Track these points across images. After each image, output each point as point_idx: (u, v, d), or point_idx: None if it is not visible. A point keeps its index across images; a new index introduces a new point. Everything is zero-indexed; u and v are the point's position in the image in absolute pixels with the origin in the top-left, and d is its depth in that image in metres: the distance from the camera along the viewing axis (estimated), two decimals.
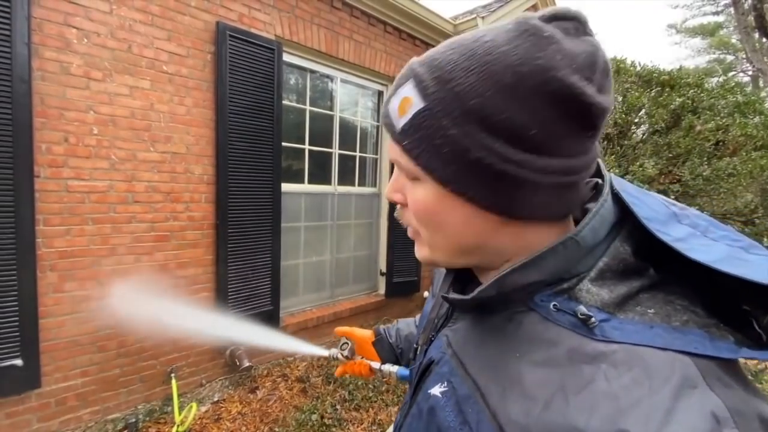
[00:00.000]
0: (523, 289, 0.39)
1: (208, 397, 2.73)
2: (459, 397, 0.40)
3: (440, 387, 0.44)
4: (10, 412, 2.12)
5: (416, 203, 0.43)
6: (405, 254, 4.20)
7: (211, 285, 2.79)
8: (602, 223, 0.40)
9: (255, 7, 2.85)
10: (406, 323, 0.98)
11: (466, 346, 0.44)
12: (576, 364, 0.33)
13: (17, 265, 2.01)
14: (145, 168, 2.44)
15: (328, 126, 3.65)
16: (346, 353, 0.92)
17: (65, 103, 2.14)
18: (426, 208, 0.42)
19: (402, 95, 0.40)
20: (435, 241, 0.44)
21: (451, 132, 0.36)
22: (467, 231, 0.41)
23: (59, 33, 2.11)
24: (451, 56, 0.37)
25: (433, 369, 0.47)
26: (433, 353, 0.49)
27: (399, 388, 2.92)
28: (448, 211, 0.40)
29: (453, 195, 0.39)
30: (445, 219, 0.41)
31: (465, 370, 0.42)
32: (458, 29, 4.25)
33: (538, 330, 0.38)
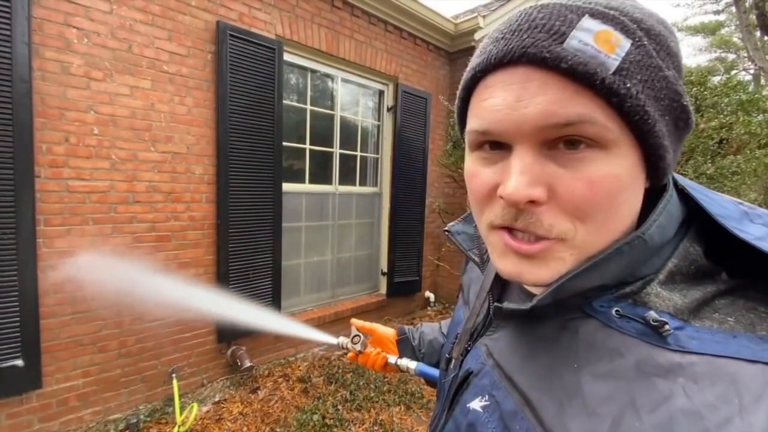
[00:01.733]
0: (580, 294, 0.35)
1: (210, 398, 2.73)
2: (504, 413, 0.37)
3: (481, 401, 0.41)
4: (12, 412, 2.11)
5: (599, 184, 0.32)
6: (406, 254, 4.19)
7: (212, 285, 2.78)
8: (670, 220, 0.35)
9: (255, 7, 2.85)
10: (430, 327, 0.96)
11: (511, 356, 0.41)
12: (647, 377, 0.30)
13: (18, 266, 2.01)
14: (145, 168, 2.43)
15: (329, 125, 3.65)
16: (358, 347, 0.92)
17: (66, 103, 2.14)
18: (618, 186, 0.32)
19: (593, 30, 0.30)
20: (598, 236, 0.34)
21: (668, 73, 0.31)
22: (633, 212, 0.35)
23: (59, 33, 2.10)
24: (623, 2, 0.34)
25: (472, 381, 0.44)
26: (471, 364, 0.46)
27: (400, 389, 2.91)
28: (633, 185, 0.33)
29: (640, 161, 0.33)
30: (626, 199, 0.33)
31: (511, 382, 0.38)
32: (459, 28, 4.24)
33: (598, 338, 0.34)
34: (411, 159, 4.14)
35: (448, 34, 4.26)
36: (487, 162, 0.37)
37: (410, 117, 4.07)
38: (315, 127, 3.51)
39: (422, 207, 4.31)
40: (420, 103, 4.15)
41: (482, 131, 0.36)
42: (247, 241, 2.90)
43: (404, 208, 4.14)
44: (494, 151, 0.36)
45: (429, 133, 4.27)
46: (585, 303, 0.36)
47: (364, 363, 0.92)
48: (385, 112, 4.05)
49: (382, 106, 4.05)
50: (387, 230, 4.13)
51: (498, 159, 0.36)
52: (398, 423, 2.55)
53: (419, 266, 4.34)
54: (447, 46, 4.40)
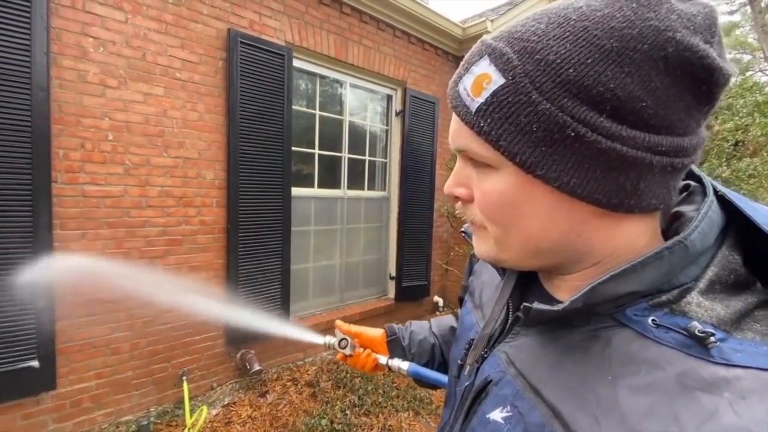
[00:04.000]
0: (613, 300, 0.34)
1: (219, 401, 2.74)
2: (529, 425, 0.36)
3: (502, 411, 0.39)
4: (27, 413, 2.16)
5: (488, 195, 0.38)
6: (414, 258, 4.18)
7: (222, 289, 2.81)
8: (711, 226, 0.35)
9: (265, 14, 2.89)
10: (420, 326, 0.94)
11: (536, 366, 0.39)
12: (690, 391, 0.28)
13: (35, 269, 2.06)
14: (158, 173, 2.48)
15: (338, 130, 3.67)
16: (347, 351, 0.90)
17: (82, 110, 2.20)
18: (501, 199, 0.37)
19: (477, 73, 0.35)
20: (507, 238, 0.39)
21: (543, 107, 0.32)
22: (551, 226, 0.36)
23: (77, 42, 2.16)
24: (537, 26, 0.34)
25: (491, 390, 0.43)
26: (490, 372, 0.44)
27: (409, 394, 2.89)
28: (529, 202, 0.36)
29: (538, 182, 0.34)
30: (525, 211, 0.36)
31: (537, 393, 0.37)
32: (467, 33, 4.24)
33: (633, 349, 0.33)
34: (419, 163, 4.14)
35: (456, 38, 4.27)
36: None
37: (418, 121, 4.08)
38: (324, 132, 3.54)
39: (430, 211, 4.30)
40: (428, 108, 4.15)
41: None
42: (257, 245, 2.92)
43: (412, 212, 4.13)
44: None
45: (437, 137, 4.27)
46: (617, 311, 0.35)
47: (353, 365, 0.91)
48: (393, 117, 4.06)
49: (391, 110, 4.06)
50: (395, 234, 4.13)
51: None
52: (407, 429, 2.53)
53: (428, 270, 4.32)
54: (455, 50, 4.41)
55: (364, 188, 3.97)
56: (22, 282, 2.00)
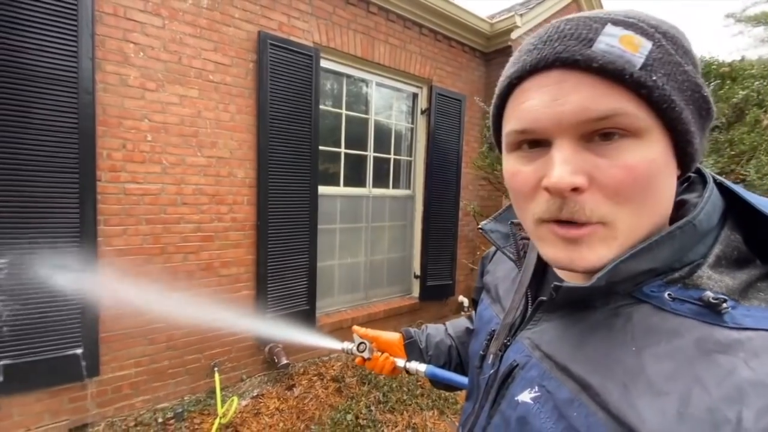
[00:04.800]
0: (631, 279, 0.37)
1: (248, 392, 2.84)
2: (558, 401, 0.38)
3: (530, 392, 0.41)
4: (73, 396, 2.30)
5: (634, 168, 0.34)
6: (439, 257, 4.16)
7: (252, 284, 2.90)
8: (714, 209, 0.38)
9: (294, 16, 2.95)
10: (436, 329, 0.96)
11: (561, 346, 0.41)
12: (708, 354, 0.31)
13: (81, 262, 2.19)
14: (192, 172, 2.58)
15: (363, 129, 3.70)
16: (365, 354, 0.91)
17: (123, 112, 2.32)
18: (653, 169, 0.35)
19: (617, 34, 0.34)
20: (640, 220, 0.36)
21: (687, 68, 0.34)
22: (671, 196, 0.38)
23: (119, 48, 2.28)
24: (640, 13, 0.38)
25: (518, 374, 0.45)
26: (515, 357, 0.46)
27: (434, 393, 2.88)
28: (667, 171, 0.36)
29: (671, 148, 0.36)
30: (663, 183, 0.36)
31: (565, 371, 0.39)
32: (495, 28, 4.17)
33: (653, 322, 0.35)
34: (445, 161, 4.11)
35: (483, 34, 4.20)
36: (526, 160, 0.40)
37: (444, 119, 4.04)
38: (349, 131, 3.58)
39: (456, 210, 4.26)
40: (454, 105, 4.11)
41: (521, 131, 0.39)
42: (285, 242, 2.99)
43: (437, 210, 4.11)
44: (533, 149, 0.39)
45: (463, 135, 4.23)
46: (635, 289, 0.37)
47: (372, 368, 0.92)
48: (418, 115, 4.05)
49: (416, 108, 4.05)
50: (420, 233, 4.12)
51: (537, 156, 0.39)
52: (431, 427, 2.53)
53: (452, 270, 4.29)
54: (482, 46, 4.34)
55: (389, 187, 3.98)
56: (70, 275, 2.14)
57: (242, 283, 2.86)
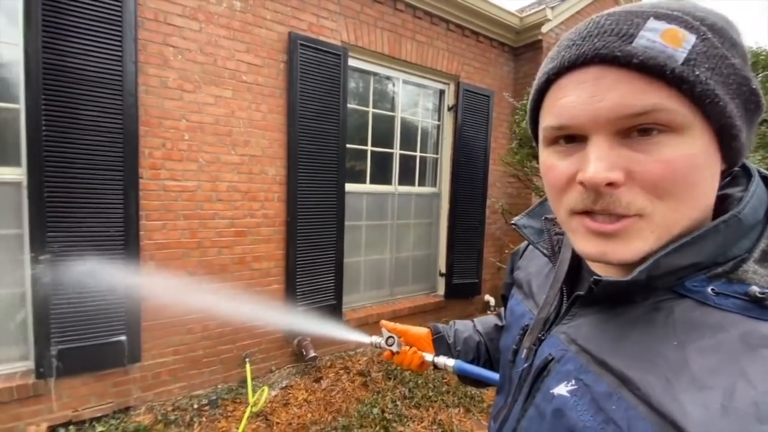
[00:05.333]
0: (672, 273, 0.36)
1: (278, 383, 2.93)
2: (596, 395, 0.38)
3: (567, 386, 0.41)
4: (117, 381, 2.46)
5: (673, 163, 0.34)
6: (465, 255, 4.13)
7: (282, 278, 2.99)
8: (760, 203, 0.38)
9: (323, 16, 3.00)
10: (464, 325, 0.96)
11: (600, 341, 0.41)
12: (754, 348, 0.31)
13: (125, 256, 2.33)
14: (227, 169, 2.68)
15: (390, 127, 3.72)
16: (394, 348, 0.92)
17: (163, 112, 2.44)
18: (693, 164, 0.34)
19: (660, 29, 0.33)
20: (679, 213, 0.36)
21: (734, 60, 0.34)
22: (713, 189, 0.37)
23: (159, 51, 2.40)
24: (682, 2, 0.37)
25: (554, 367, 0.45)
26: (551, 351, 0.46)
27: (459, 390, 2.88)
28: (708, 165, 0.36)
29: (715, 144, 0.35)
30: (704, 176, 0.35)
31: (603, 365, 0.39)
32: (524, 22, 4.08)
33: (696, 316, 0.35)
34: (472, 158, 4.07)
35: (512, 28, 4.12)
36: (562, 155, 0.40)
37: (471, 116, 4.00)
38: (376, 128, 3.60)
39: (483, 208, 4.22)
40: (482, 101, 4.06)
41: (558, 126, 0.39)
42: (313, 237, 3.06)
43: (464, 208, 4.08)
44: (569, 144, 0.39)
45: (491, 132, 4.17)
46: (677, 283, 0.37)
47: (400, 362, 0.92)
48: (445, 112, 4.02)
49: (443, 105, 4.03)
50: (446, 231, 4.10)
51: (573, 151, 0.39)
52: (457, 424, 2.53)
53: (479, 268, 4.25)
54: (511, 41, 4.26)
55: (415, 184, 3.99)
56: (116, 266, 2.28)
57: (272, 277, 2.96)
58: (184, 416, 2.46)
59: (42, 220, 2.11)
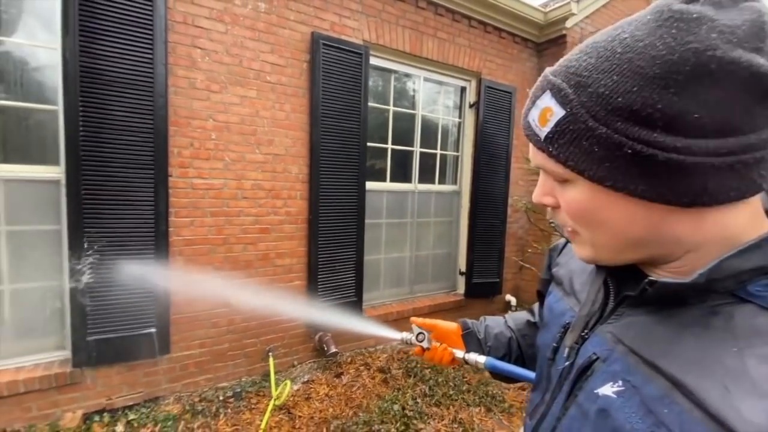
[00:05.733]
0: (734, 277, 0.36)
1: (299, 377, 2.98)
2: (645, 397, 0.37)
3: (612, 386, 0.41)
4: (148, 371, 2.55)
5: (570, 204, 0.43)
6: (486, 254, 4.09)
7: (304, 274, 3.04)
8: None
9: (345, 15, 3.02)
10: (495, 321, 0.95)
11: (650, 343, 0.41)
12: None
13: (155, 251, 2.42)
14: (251, 168, 2.74)
15: (410, 125, 3.72)
16: (424, 344, 0.92)
17: (191, 113, 2.51)
18: (582, 207, 0.42)
19: (541, 106, 0.41)
20: (597, 239, 0.44)
21: (600, 131, 0.36)
22: (632, 225, 0.40)
23: (188, 53, 2.47)
24: (588, 61, 0.38)
25: (599, 367, 0.45)
26: (596, 350, 0.46)
27: (480, 390, 2.86)
28: (607, 208, 0.40)
29: (611, 191, 0.38)
30: (606, 216, 0.41)
31: (654, 368, 0.38)
32: (549, 17, 4.00)
33: (759, 322, 0.35)
34: (493, 156, 4.02)
35: (536, 24, 4.05)
36: None
37: (493, 113, 3.95)
38: (396, 127, 3.61)
39: (504, 206, 4.16)
40: (504, 98, 4.01)
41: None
42: (335, 235, 3.10)
43: (485, 207, 4.04)
44: None
45: (513, 129, 4.11)
46: (739, 287, 0.37)
47: (430, 359, 0.92)
48: (466, 109, 3.99)
49: (464, 102, 3.99)
50: (466, 229, 4.07)
51: None
52: (478, 423, 2.52)
53: (500, 268, 4.20)
54: (534, 36, 4.18)
55: (435, 182, 3.97)
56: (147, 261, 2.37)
57: (294, 273, 3.01)
58: (210, 407, 2.54)
59: (79, 216, 2.21)
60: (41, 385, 2.22)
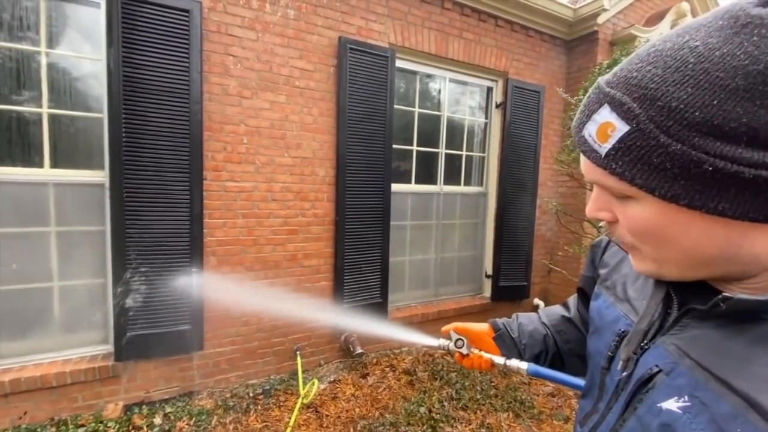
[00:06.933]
0: None
1: (326, 377, 3.02)
2: (716, 415, 0.36)
3: (678, 401, 0.40)
4: (182, 367, 2.66)
5: (634, 221, 0.41)
6: (513, 257, 4.01)
7: (330, 275, 3.08)
8: None
9: (371, 19, 3.05)
10: (528, 318, 0.94)
11: (721, 358, 0.39)
12: None
13: (191, 251, 2.52)
14: (280, 171, 2.81)
15: (436, 126, 3.70)
16: (463, 350, 0.92)
17: (224, 118, 2.61)
18: (648, 225, 0.40)
19: (600, 121, 0.39)
20: (664, 255, 0.42)
21: (674, 147, 0.34)
22: (707, 243, 0.38)
23: (221, 61, 2.57)
24: (653, 71, 0.36)
25: (660, 380, 0.44)
26: (658, 362, 0.45)
27: (508, 395, 2.81)
28: (679, 226, 0.38)
29: (684, 209, 0.36)
30: (676, 234, 0.39)
31: (725, 385, 0.37)
32: (579, 14, 3.89)
33: None
34: (521, 157, 3.95)
35: (565, 21, 3.95)
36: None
37: (521, 112, 3.88)
38: (422, 128, 3.61)
39: (533, 208, 4.08)
40: (532, 98, 3.93)
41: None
42: (360, 236, 3.13)
43: (512, 208, 3.97)
44: None
45: (542, 129, 4.02)
46: None
47: (470, 365, 0.92)
48: (493, 109, 3.94)
49: (490, 103, 3.95)
50: (492, 231, 4.01)
51: None
52: (506, 429, 2.48)
53: (528, 271, 4.11)
54: (564, 34, 4.08)
55: (460, 184, 3.94)
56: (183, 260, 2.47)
57: (321, 274, 3.06)
58: (241, 403, 2.62)
59: (121, 218, 2.34)
60: (86, 377, 2.36)
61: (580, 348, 0.83)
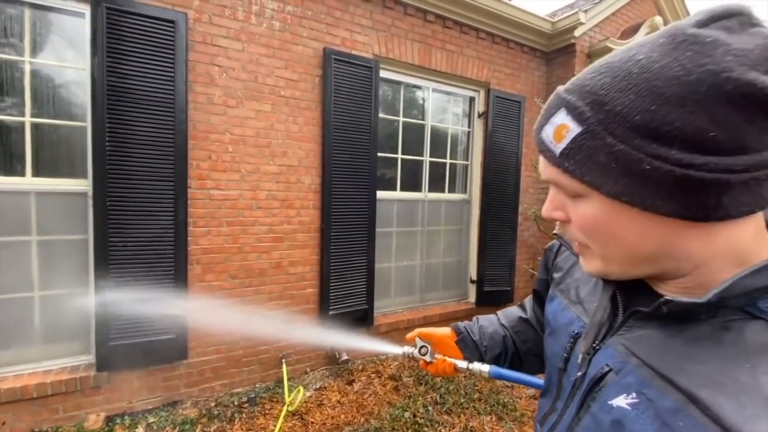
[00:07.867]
0: (745, 294, 0.38)
1: (312, 384, 3.03)
2: (660, 410, 0.38)
3: (627, 398, 0.42)
4: (166, 376, 2.64)
5: (583, 218, 0.44)
6: (497, 263, 4.09)
7: (316, 282, 3.11)
8: None
9: (356, 31, 3.13)
10: (488, 320, 0.97)
11: (664, 356, 0.42)
12: None
13: (175, 259, 2.52)
14: (266, 179, 2.84)
15: (420, 135, 3.78)
16: (427, 358, 0.92)
17: (209, 127, 2.63)
18: (596, 222, 0.43)
19: (556, 123, 0.43)
20: (608, 253, 0.45)
21: (618, 147, 0.38)
22: (645, 240, 0.41)
23: (206, 71, 2.60)
24: (603, 80, 0.39)
25: (612, 378, 0.46)
26: (608, 362, 0.47)
27: (491, 398, 2.86)
28: (622, 222, 0.41)
29: (626, 206, 0.40)
30: (619, 230, 0.42)
31: (668, 382, 0.39)
32: (557, 27, 4.04)
33: None
34: (503, 165, 4.05)
35: (544, 33, 4.09)
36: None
37: (502, 122, 4.00)
38: (406, 137, 3.68)
39: (515, 214, 4.17)
40: (513, 107, 4.05)
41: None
42: (346, 243, 3.16)
43: (495, 215, 4.06)
44: None
45: (523, 138, 4.14)
46: (749, 303, 0.38)
47: (435, 371, 0.94)
48: (475, 119, 4.04)
49: (473, 112, 4.05)
50: (476, 237, 4.09)
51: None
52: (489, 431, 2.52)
53: (511, 276, 4.19)
54: (543, 46, 4.22)
55: (445, 191, 4.02)
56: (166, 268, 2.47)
57: (307, 281, 3.08)
58: (225, 412, 2.61)
59: (104, 227, 2.33)
60: (67, 387, 2.33)
61: (536, 347, 0.86)
